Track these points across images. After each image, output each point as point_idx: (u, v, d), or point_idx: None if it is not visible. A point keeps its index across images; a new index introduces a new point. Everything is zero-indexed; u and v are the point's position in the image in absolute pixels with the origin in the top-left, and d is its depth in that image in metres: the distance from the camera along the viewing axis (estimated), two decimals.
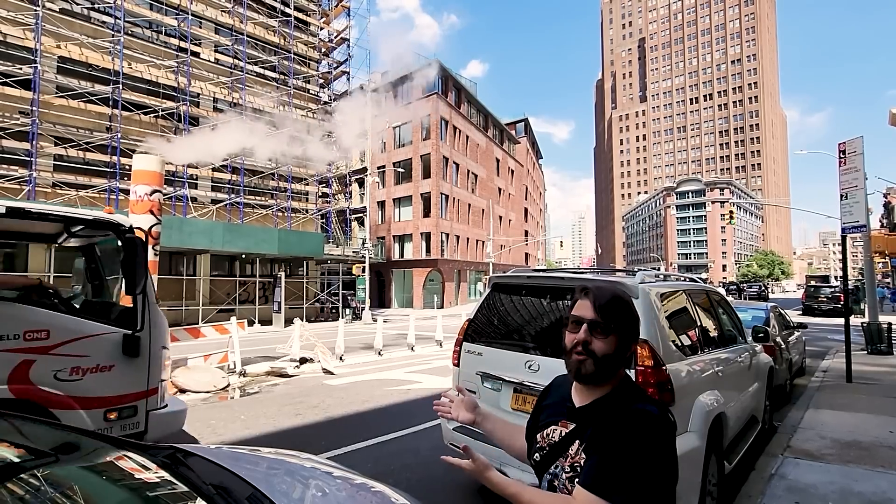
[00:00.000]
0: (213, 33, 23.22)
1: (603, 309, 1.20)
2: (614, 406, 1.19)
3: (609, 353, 1.19)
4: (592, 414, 1.21)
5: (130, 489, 1.45)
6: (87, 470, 1.55)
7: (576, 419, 1.25)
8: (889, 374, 8.94)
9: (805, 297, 27.83)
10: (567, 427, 1.26)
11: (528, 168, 60.16)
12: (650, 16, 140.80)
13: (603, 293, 1.23)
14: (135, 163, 7.37)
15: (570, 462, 1.18)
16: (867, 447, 4.88)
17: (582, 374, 1.21)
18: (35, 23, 17.29)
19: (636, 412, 1.14)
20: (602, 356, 1.18)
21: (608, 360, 1.19)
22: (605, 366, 1.19)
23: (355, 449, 5.09)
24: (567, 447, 1.22)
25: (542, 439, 1.31)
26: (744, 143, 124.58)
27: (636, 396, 1.21)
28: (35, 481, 1.27)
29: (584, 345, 1.19)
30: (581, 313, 1.22)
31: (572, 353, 1.22)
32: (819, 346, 13.47)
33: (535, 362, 3.43)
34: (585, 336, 1.20)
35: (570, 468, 1.17)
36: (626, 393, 1.22)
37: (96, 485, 1.45)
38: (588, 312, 1.21)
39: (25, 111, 17.28)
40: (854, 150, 8.49)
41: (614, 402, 1.20)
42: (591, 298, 1.22)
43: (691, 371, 3.41)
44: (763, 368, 5.27)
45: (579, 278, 3.64)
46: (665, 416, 1.16)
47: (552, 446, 1.27)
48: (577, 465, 1.16)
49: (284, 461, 2.08)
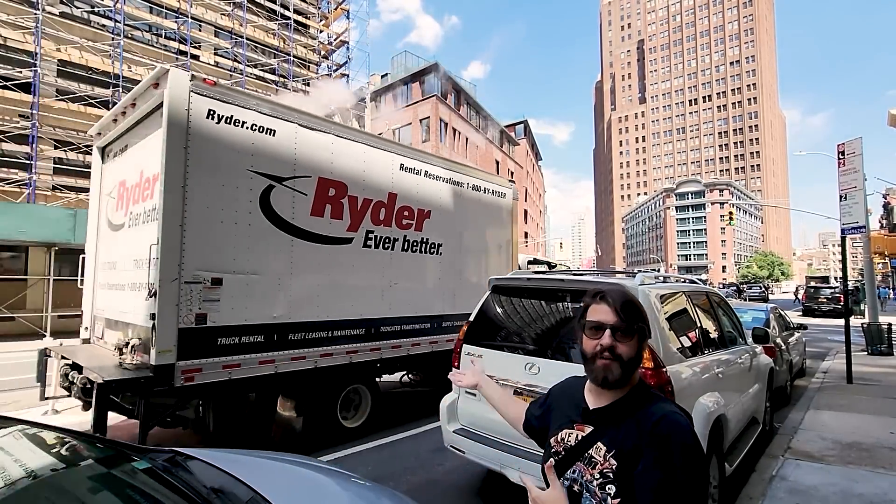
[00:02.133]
0: (213, 36, 23.27)
1: (624, 312, 1.21)
2: (633, 407, 1.20)
3: (633, 355, 1.20)
4: (612, 416, 1.22)
5: (131, 492, 1.45)
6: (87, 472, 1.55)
7: (593, 422, 1.25)
8: (889, 375, 8.93)
9: (804, 298, 27.80)
10: (584, 430, 1.25)
11: (528, 170, 60.21)
12: (649, 17, 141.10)
13: (620, 296, 1.24)
14: None
15: (601, 469, 1.17)
16: (868, 448, 4.87)
17: (609, 381, 1.20)
18: (35, 26, 17.32)
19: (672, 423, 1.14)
20: (628, 359, 1.19)
21: (633, 362, 1.21)
22: (630, 368, 1.20)
23: (355, 451, 5.08)
24: (585, 450, 1.22)
25: (557, 444, 1.30)
26: (743, 145, 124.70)
27: (655, 397, 1.23)
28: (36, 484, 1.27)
29: (611, 350, 1.19)
30: (601, 318, 1.22)
31: (597, 358, 1.21)
32: (819, 347, 13.46)
33: (535, 364, 3.42)
34: (611, 341, 1.20)
35: (599, 475, 1.16)
36: (644, 393, 1.23)
37: (97, 487, 1.45)
38: (609, 317, 1.21)
39: (25, 114, 17.30)
40: (853, 151, 8.51)
41: (635, 403, 1.21)
42: (609, 302, 1.22)
43: (691, 373, 3.41)
44: (763, 370, 5.26)
45: (579, 280, 3.64)
46: (687, 415, 1.19)
47: (568, 450, 1.26)
48: (607, 472, 1.15)
49: (284, 464, 2.08)
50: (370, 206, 5.70)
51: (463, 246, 7.05)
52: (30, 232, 13.63)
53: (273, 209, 4.75)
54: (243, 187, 4.54)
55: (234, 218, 4.46)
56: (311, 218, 5.10)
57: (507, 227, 8.00)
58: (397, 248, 6.05)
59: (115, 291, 5.22)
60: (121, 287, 5.04)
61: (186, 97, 4.17)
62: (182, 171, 4.12)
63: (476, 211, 7.32)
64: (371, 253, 5.74)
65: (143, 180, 4.70)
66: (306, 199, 5.05)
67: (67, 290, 16.81)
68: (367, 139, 5.84)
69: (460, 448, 3.77)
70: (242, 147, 4.54)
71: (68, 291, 16.80)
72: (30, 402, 6.94)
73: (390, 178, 5.98)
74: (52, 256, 15.19)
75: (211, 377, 4.25)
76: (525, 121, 59.67)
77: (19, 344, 13.41)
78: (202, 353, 4.20)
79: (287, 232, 4.88)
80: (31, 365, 5.90)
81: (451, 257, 6.82)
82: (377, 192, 5.80)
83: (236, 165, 4.50)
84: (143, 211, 4.67)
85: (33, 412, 6.19)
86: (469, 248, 7.17)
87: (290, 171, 4.90)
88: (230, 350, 4.39)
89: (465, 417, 3.91)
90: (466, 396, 3.91)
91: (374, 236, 5.77)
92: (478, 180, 7.43)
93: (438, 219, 6.60)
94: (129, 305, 4.70)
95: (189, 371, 4.12)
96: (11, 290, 16.02)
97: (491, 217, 7.68)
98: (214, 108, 4.34)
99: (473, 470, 4.37)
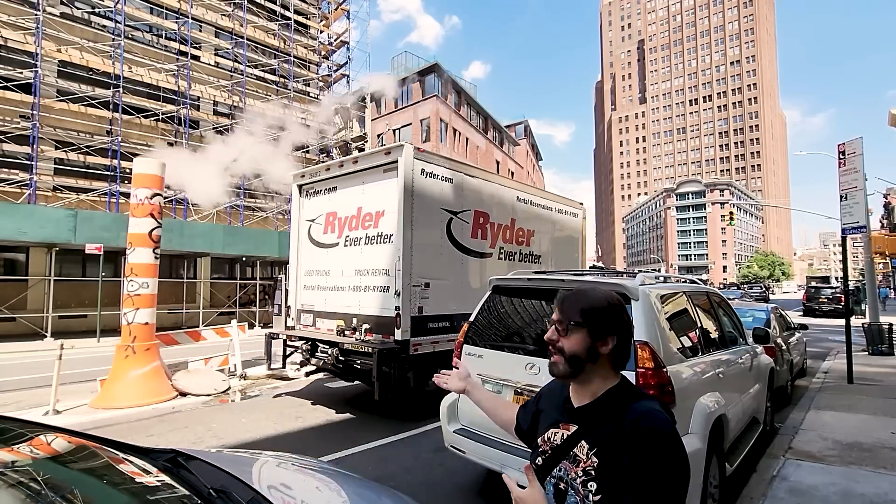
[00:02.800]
0: (214, 37, 23.28)
1: (563, 308, 1.26)
2: (616, 405, 1.20)
3: (576, 350, 1.22)
4: (594, 413, 1.23)
5: (131, 492, 1.45)
6: (87, 473, 1.55)
7: (577, 420, 1.26)
8: (890, 375, 8.93)
9: (805, 298, 27.78)
10: (569, 429, 1.27)
11: (528, 170, 60.21)
12: (649, 17, 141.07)
13: (566, 294, 1.29)
14: (135, 166, 7.37)
15: (583, 467, 1.18)
16: (869, 448, 4.87)
17: (555, 374, 1.27)
18: (36, 27, 17.34)
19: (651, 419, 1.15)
20: (570, 354, 1.22)
21: (577, 357, 1.22)
22: (575, 363, 1.22)
23: (357, 451, 5.09)
24: (570, 448, 1.23)
25: (544, 443, 1.32)
26: (743, 145, 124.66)
27: (638, 395, 1.23)
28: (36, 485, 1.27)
29: (552, 343, 1.26)
30: (553, 315, 1.30)
31: (550, 353, 1.28)
32: (820, 348, 13.46)
33: (535, 364, 3.43)
34: (551, 335, 1.26)
35: (582, 473, 1.18)
36: (627, 391, 1.24)
37: (97, 488, 1.45)
38: (555, 313, 1.28)
39: (26, 115, 17.31)
40: (853, 150, 8.50)
41: (616, 401, 1.21)
42: (556, 300, 1.30)
43: (692, 373, 3.41)
44: (764, 370, 5.26)
45: (579, 280, 3.64)
46: (669, 413, 1.20)
47: (555, 449, 1.27)
48: (589, 469, 1.17)
49: (284, 464, 2.08)
50: (501, 228, 7.77)
51: (554, 254, 9.18)
52: (30, 232, 13.66)
53: (452, 234, 6.78)
54: (437, 220, 6.55)
55: (434, 241, 6.50)
56: (471, 239, 7.13)
57: (579, 239, 10.30)
58: (516, 259, 8.11)
59: (330, 292, 7.10)
60: (341, 288, 6.92)
61: (412, 162, 6.07)
62: (410, 211, 6.05)
63: (561, 228, 9.56)
64: (502, 263, 7.73)
65: (364, 214, 6.74)
66: (468, 226, 7.09)
67: (68, 291, 16.84)
68: (498, 179, 7.92)
69: (461, 448, 3.77)
70: (437, 192, 6.51)
71: (69, 292, 16.84)
72: (30, 401, 6.96)
73: (511, 208, 8.03)
74: (53, 257, 15.20)
75: (426, 349, 6.15)
76: (525, 121, 59.66)
77: (20, 344, 13.44)
78: (421, 333, 6.11)
79: (459, 250, 6.93)
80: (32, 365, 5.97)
81: (547, 264, 8.91)
82: (504, 218, 7.86)
83: (434, 206, 6.48)
84: (364, 236, 6.71)
85: (34, 412, 6.20)
86: (557, 256, 9.28)
87: (460, 207, 6.90)
88: (434, 331, 6.30)
89: (465, 417, 3.91)
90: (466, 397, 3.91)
91: (504, 251, 7.83)
92: (561, 205, 9.58)
93: (539, 236, 8.72)
94: (354, 301, 6.67)
95: (415, 345, 6.02)
96: (12, 290, 16.04)
97: (570, 232, 9.89)
98: (424, 167, 6.28)
99: (474, 470, 4.37)
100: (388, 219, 6.29)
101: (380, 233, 6.44)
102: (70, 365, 8.61)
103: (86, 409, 6.40)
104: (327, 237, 7.34)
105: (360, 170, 6.71)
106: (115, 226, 14.77)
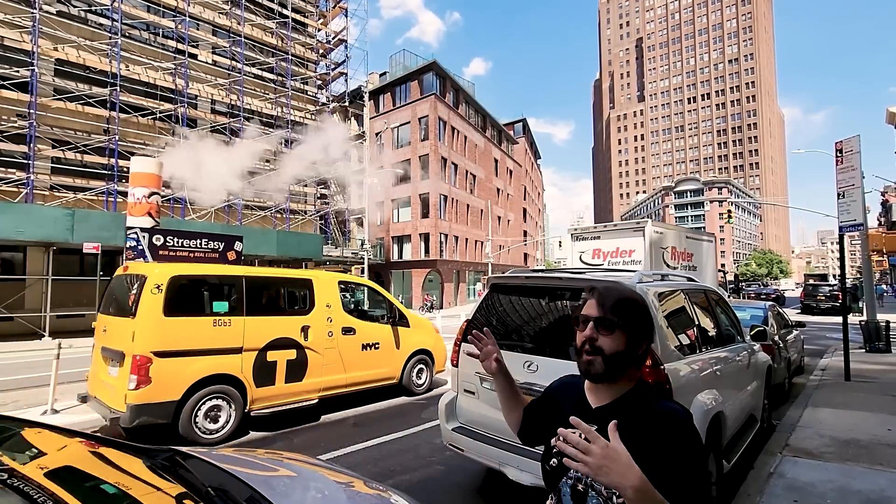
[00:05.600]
0: (211, 35, 23.21)
1: (607, 305, 1.21)
2: (638, 405, 1.19)
3: (618, 350, 1.19)
4: (615, 414, 1.20)
5: (129, 491, 1.45)
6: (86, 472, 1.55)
7: (596, 420, 1.23)
8: (887, 372, 8.96)
9: (803, 296, 27.86)
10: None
11: (527, 168, 60.21)
12: (647, 16, 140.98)
13: (609, 292, 1.25)
14: (133, 165, 7.37)
15: None
16: (866, 445, 4.89)
17: (591, 373, 1.22)
18: (32, 25, 17.27)
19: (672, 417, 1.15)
20: (610, 354, 1.19)
21: (617, 357, 1.19)
22: (614, 364, 1.19)
23: (355, 450, 5.09)
24: None
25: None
26: (742, 143, 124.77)
27: (657, 395, 1.23)
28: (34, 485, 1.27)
29: (591, 342, 1.20)
30: (588, 311, 1.24)
31: (582, 351, 1.22)
32: (818, 345, 13.50)
33: (533, 362, 3.43)
34: (591, 333, 1.21)
35: None
36: (645, 392, 1.23)
37: (95, 487, 1.45)
38: (594, 310, 1.23)
39: (23, 114, 17.26)
40: (851, 148, 8.51)
41: (636, 400, 1.21)
42: (596, 297, 1.24)
43: (689, 370, 3.42)
44: (761, 367, 5.28)
45: (578, 278, 3.64)
46: (690, 414, 1.19)
47: None
48: None
49: (283, 463, 2.08)
50: (679, 254, 11.73)
51: (700, 268, 12.90)
52: (28, 232, 13.61)
53: (664, 258, 10.93)
54: (657, 257, 10.52)
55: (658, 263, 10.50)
56: (670, 260, 11.17)
57: (713, 257, 14.37)
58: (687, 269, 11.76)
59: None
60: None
61: (651, 229, 10.44)
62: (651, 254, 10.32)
63: (705, 252, 13.52)
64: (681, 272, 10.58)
65: (619, 251, 10.97)
66: (668, 253, 11.16)
67: (66, 290, 16.78)
68: (675, 227, 12.50)
69: (459, 446, 3.78)
70: (657, 239, 10.67)
71: (67, 291, 16.78)
72: (29, 401, 6.95)
73: (683, 242, 12.15)
74: (51, 256, 15.16)
75: None
76: (524, 119, 59.66)
77: (18, 344, 13.41)
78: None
79: (667, 266, 10.85)
80: (30, 364, 5.94)
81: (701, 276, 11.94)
82: (680, 247, 11.86)
83: (658, 248, 10.65)
84: (620, 261, 10.84)
85: (33, 412, 6.19)
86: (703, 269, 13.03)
87: (667, 244, 11.20)
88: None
89: (463, 416, 3.91)
90: (465, 395, 3.92)
91: (682, 264, 11.71)
92: (702, 235, 13.94)
93: (696, 255, 12.71)
94: None
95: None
96: (10, 289, 15.99)
97: (709, 251, 13.94)
98: (655, 229, 10.66)
99: (473, 468, 4.38)
100: (637, 254, 10.64)
101: (632, 259, 10.71)
102: (68, 364, 8.60)
103: (84, 409, 6.39)
104: (594, 260, 11.58)
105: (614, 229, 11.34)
106: (113, 225, 14.73)
